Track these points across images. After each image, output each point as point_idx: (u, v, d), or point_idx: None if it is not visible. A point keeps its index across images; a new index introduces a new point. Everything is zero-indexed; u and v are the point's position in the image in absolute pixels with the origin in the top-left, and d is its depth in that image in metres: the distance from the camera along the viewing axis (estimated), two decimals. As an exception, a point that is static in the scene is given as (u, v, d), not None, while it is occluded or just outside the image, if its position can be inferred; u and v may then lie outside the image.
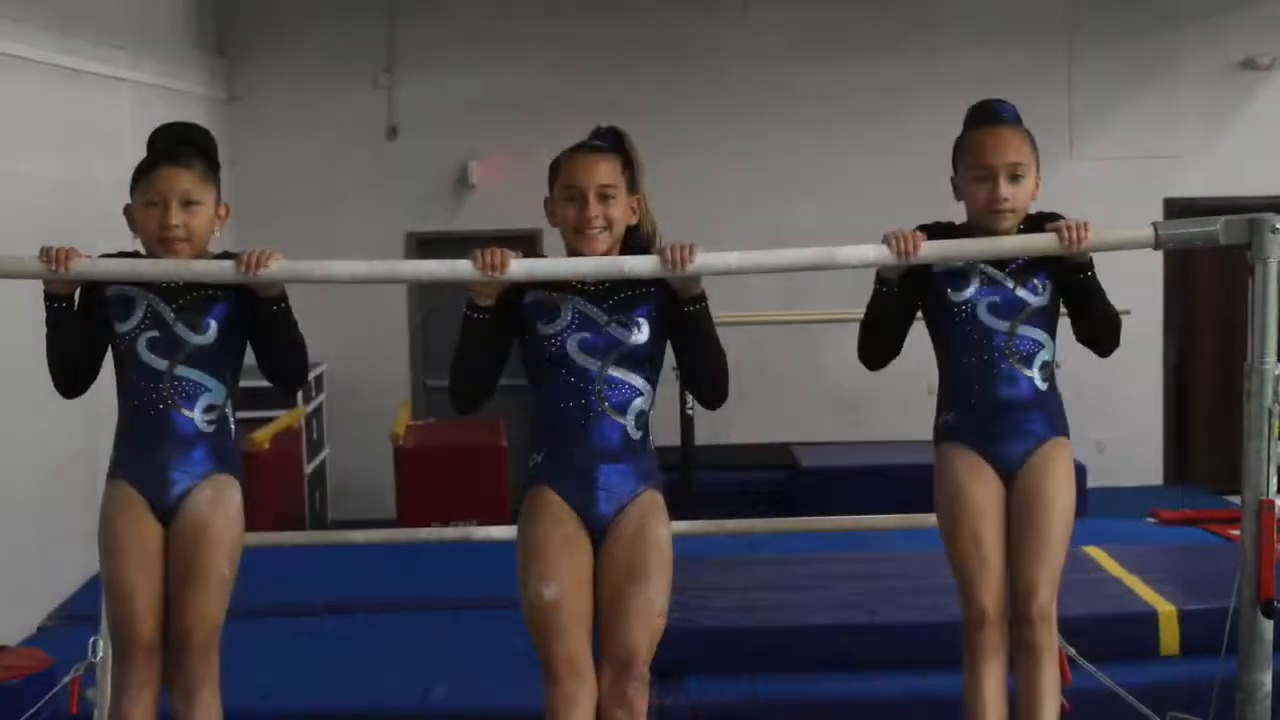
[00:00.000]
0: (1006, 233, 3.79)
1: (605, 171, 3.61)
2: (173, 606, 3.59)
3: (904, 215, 4.35)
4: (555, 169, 3.67)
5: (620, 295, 3.62)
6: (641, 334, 3.61)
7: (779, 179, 11.27)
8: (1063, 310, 3.91)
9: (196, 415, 3.66)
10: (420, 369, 11.49)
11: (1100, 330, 3.87)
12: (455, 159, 11.28)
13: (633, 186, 3.66)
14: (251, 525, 3.88)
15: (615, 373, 3.60)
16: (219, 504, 3.66)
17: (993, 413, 3.86)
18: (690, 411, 9.32)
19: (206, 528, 3.62)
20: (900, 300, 3.84)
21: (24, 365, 4.88)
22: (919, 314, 3.93)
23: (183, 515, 3.64)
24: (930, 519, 4.11)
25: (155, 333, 3.64)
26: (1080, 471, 9.09)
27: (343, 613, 6.92)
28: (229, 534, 3.66)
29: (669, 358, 3.70)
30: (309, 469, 10.37)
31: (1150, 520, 9.13)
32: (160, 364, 3.64)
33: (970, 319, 3.85)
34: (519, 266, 3.50)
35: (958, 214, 3.94)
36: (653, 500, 3.64)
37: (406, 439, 9.69)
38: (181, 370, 3.64)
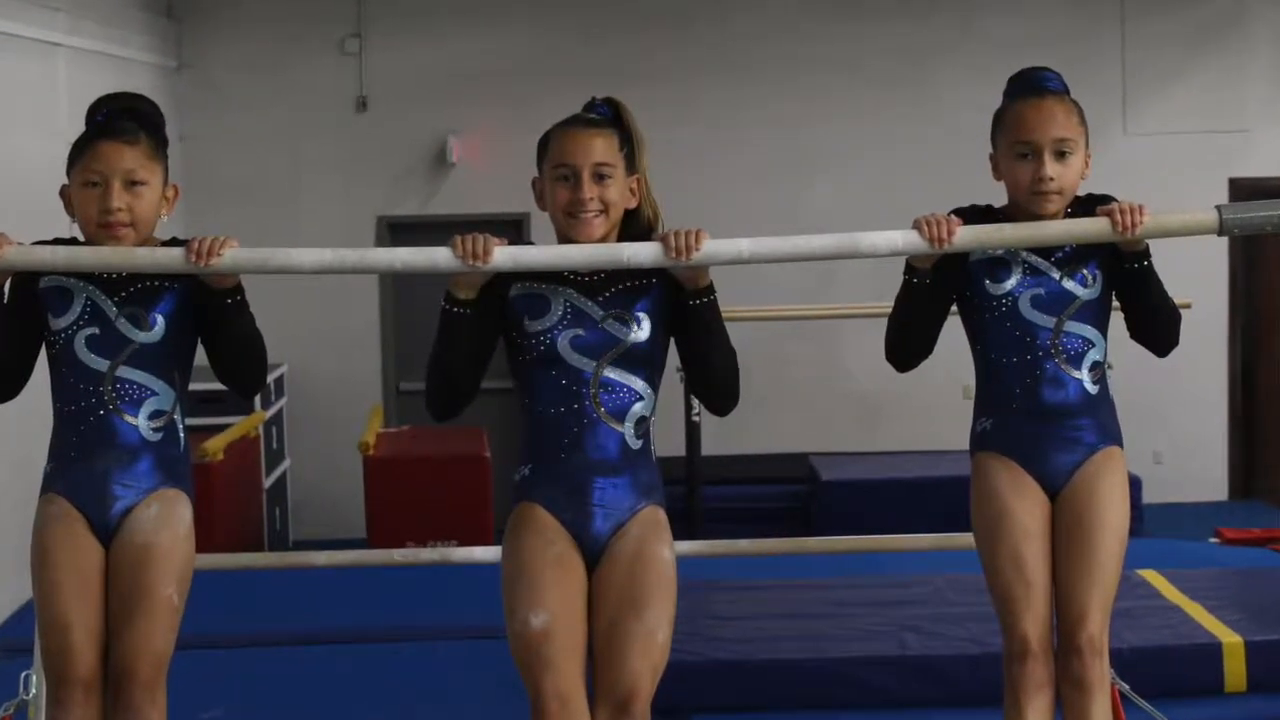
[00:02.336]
0: (1052, 217, 3.80)
1: (601, 148, 3.61)
2: (114, 637, 3.59)
3: (936, 198, 4.36)
4: (545, 145, 3.67)
5: (618, 287, 3.62)
6: (641, 331, 3.61)
7: (795, 157, 11.27)
8: (1115, 304, 3.91)
9: (141, 422, 3.66)
10: (393, 370, 11.50)
11: (1157, 326, 3.88)
12: (433, 134, 11.28)
13: (632, 165, 3.66)
14: (203, 546, 3.88)
15: (612, 374, 3.60)
16: (166, 522, 3.66)
17: (1037, 419, 3.86)
18: (696, 418, 9.33)
19: (152, 549, 3.62)
20: (932, 293, 3.84)
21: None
22: (954, 308, 3.93)
23: (125, 535, 3.64)
24: (966, 539, 4.11)
25: (95, 329, 3.64)
26: (1135, 485, 9.07)
27: (306, 643, 6.92)
28: (178, 556, 3.65)
29: (672, 357, 3.70)
30: (268, 482, 10.37)
31: (1214, 540, 9.15)
32: (100, 364, 3.64)
33: (1011, 314, 3.85)
34: (504, 255, 3.50)
35: (997, 196, 3.95)
36: (654, 517, 3.64)
37: (377, 449, 9.70)
38: (124, 371, 3.64)
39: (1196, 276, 9.68)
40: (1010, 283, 3.86)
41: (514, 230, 10.48)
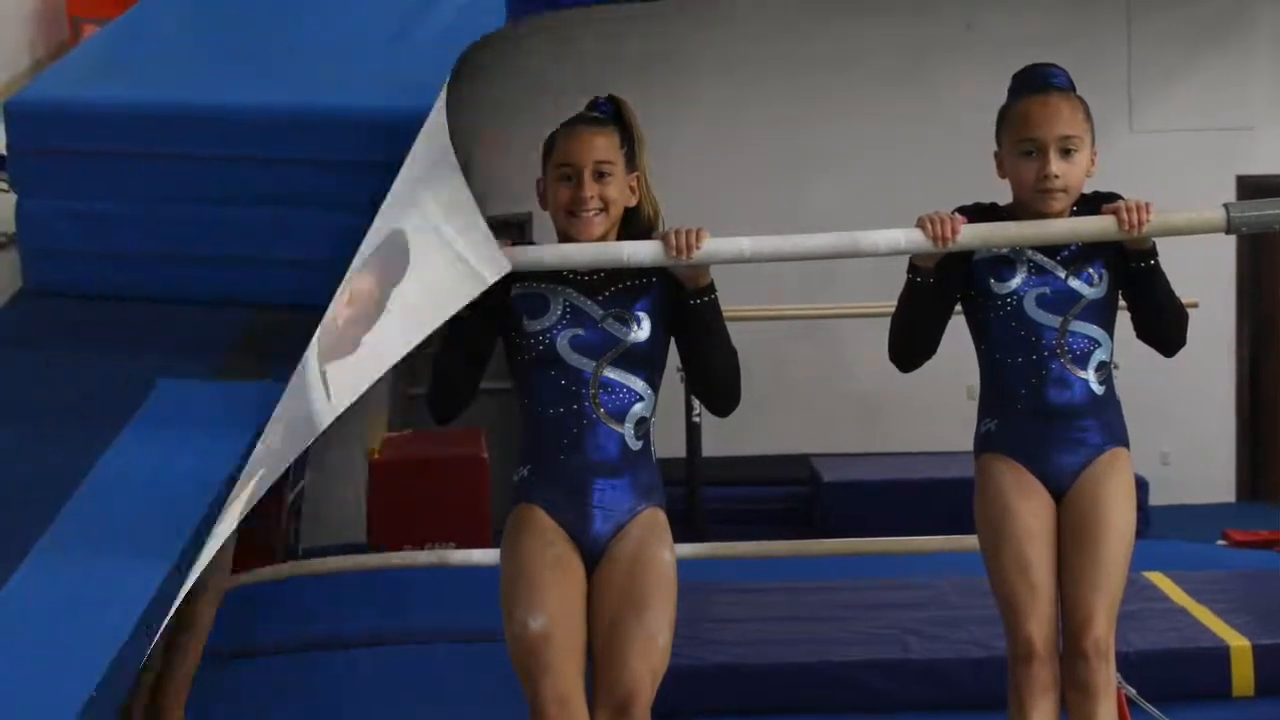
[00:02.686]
0: (1057, 215, 3.80)
1: (602, 146, 3.61)
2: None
3: (938, 197, 4.35)
4: (550, 146, 3.68)
5: (618, 286, 3.63)
6: (641, 330, 3.61)
7: (795, 156, 11.25)
8: (1121, 304, 3.91)
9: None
10: (395, 373, 11.45)
11: (1164, 326, 3.88)
12: (430, 132, 11.25)
13: (632, 162, 3.67)
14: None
15: (612, 374, 3.60)
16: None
17: (1042, 420, 3.86)
18: (697, 418, 9.32)
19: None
20: (936, 292, 3.84)
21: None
22: (958, 307, 3.93)
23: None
24: (970, 541, 4.11)
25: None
26: (1142, 487, 9.07)
27: (301, 648, 6.91)
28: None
29: (673, 357, 3.70)
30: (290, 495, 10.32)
31: (1221, 543, 9.12)
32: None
33: (1016, 313, 3.85)
34: (503, 255, 3.50)
35: (999, 195, 3.94)
36: (654, 519, 3.64)
37: (381, 452, 9.68)
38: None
39: (1203, 275, 9.64)
40: (1015, 282, 3.86)
41: (516, 231, 10.43)
